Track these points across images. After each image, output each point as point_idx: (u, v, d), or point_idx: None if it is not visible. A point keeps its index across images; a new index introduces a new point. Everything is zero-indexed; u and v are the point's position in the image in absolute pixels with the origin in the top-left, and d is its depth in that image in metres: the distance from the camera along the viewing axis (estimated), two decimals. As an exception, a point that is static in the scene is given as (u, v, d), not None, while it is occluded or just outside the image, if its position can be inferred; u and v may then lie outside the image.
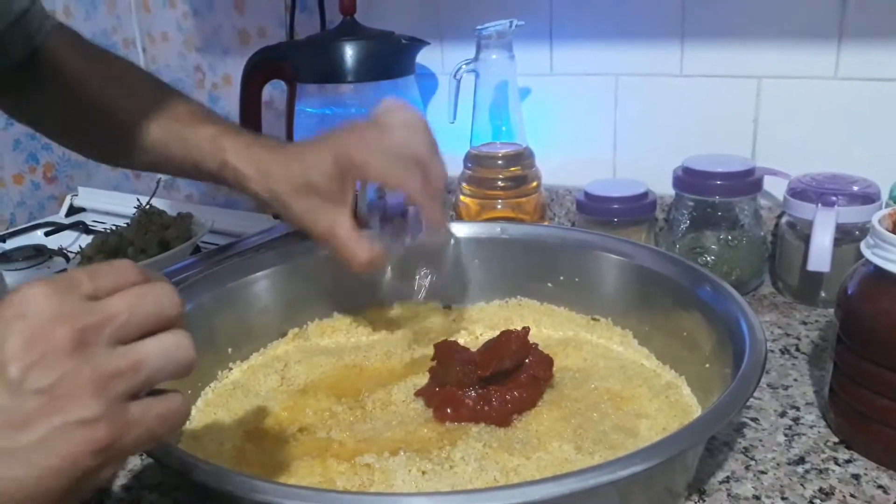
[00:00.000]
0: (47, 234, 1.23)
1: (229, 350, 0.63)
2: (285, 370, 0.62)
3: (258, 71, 0.92)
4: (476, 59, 0.83)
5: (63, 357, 0.30)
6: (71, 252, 1.08)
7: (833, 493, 0.48)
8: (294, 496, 0.35)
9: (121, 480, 0.53)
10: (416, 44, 0.90)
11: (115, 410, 0.31)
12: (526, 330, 0.57)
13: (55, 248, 1.11)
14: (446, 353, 0.57)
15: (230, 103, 1.25)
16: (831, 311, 0.71)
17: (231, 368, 0.63)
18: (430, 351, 0.63)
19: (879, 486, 0.48)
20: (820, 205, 0.70)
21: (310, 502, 0.35)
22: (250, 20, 1.16)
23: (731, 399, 0.43)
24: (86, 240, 1.09)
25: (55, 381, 0.30)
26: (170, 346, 0.33)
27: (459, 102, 0.86)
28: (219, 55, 1.23)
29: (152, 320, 0.33)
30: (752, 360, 0.47)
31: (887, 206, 0.70)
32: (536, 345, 0.58)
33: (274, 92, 1.14)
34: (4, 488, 0.29)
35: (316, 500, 0.35)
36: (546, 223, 0.87)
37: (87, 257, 0.96)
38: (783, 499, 0.48)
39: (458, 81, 0.84)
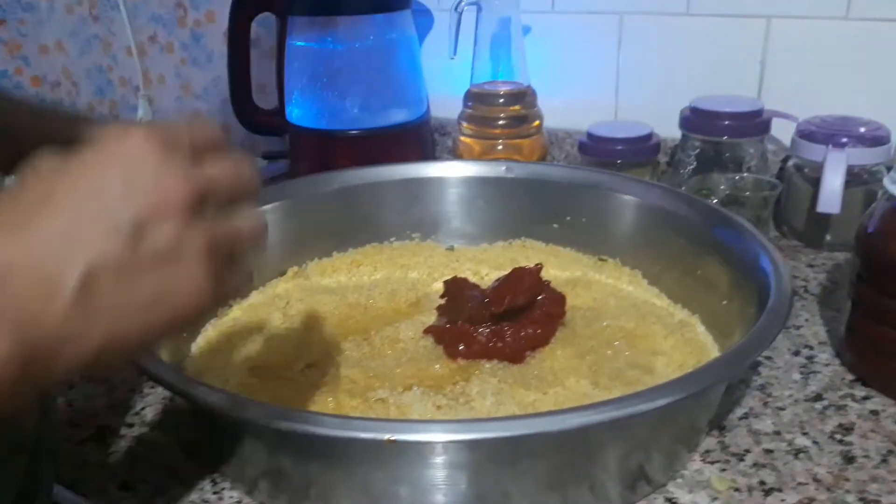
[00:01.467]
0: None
1: (228, 287, 0.60)
2: (287, 308, 0.60)
3: (244, 4, 0.88)
4: (477, -8, 0.79)
5: (178, 219, 0.29)
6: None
7: (853, 429, 0.47)
8: (319, 423, 0.34)
9: (121, 418, 0.51)
10: (414, -24, 0.86)
11: (217, 276, 0.30)
12: (539, 266, 0.55)
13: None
14: (457, 289, 0.56)
15: (213, 41, 1.20)
16: (837, 254, 0.71)
17: (231, 305, 0.60)
18: (434, 290, 0.62)
19: (898, 422, 0.48)
20: (830, 146, 0.69)
21: (336, 429, 0.33)
22: (235, -48, 1.11)
23: (761, 333, 0.42)
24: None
25: (169, 241, 0.28)
26: (255, 219, 0.33)
27: (459, 39, 0.83)
28: (201, -10, 1.17)
29: (243, 192, 0.32)
30: (779, 297, 0.45)
31: (898, 148, 0.69)
32: (549, 282, 0.56)
33: (260, 30, 1.09)
34: (109, 338, 0.28)
35: (342, 427, 0.34)
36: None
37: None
38: (804, 433, 0.47)
39: (460, 15, 0.81)
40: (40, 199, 0.28)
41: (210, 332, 0.57)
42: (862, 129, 0.71)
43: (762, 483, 0.43)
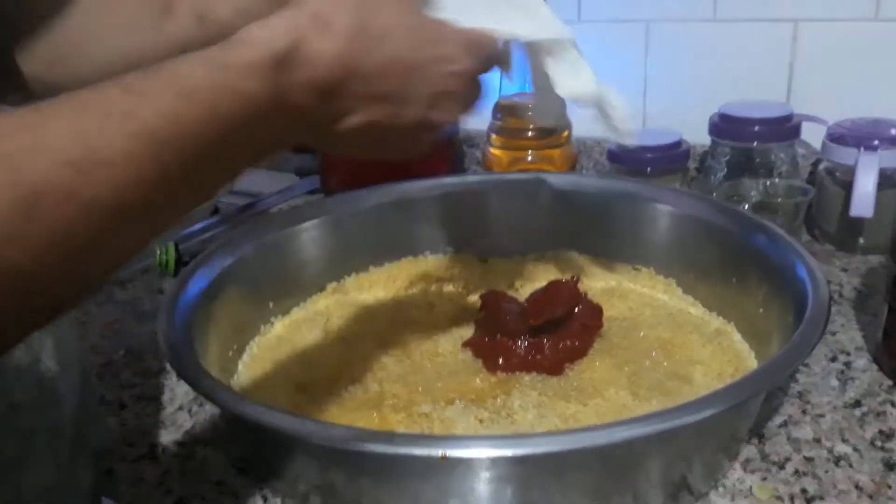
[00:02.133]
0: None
1: (270, 304, 0.62)
2: (328, 324, 0.62)
3: None
4: (505, 6, 0.80)
5: (463, 62, 0.40)
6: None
7: (894, 435, 0.48)
8: (376, 442, 0.35)
9: (173, 436, 0.52)
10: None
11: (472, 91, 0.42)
12: (576, 279, 0.56)
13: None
14: (495, 303, 0.57)
15: None
16: (871, 257, 0.71)
17: (272, 323, 0.62)
18: (471, 303, 0.63)
19: (939, 427, 0.48)
20: (862, 149, 0.69)
21: (390, 446, 0.35)
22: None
23: (801, 342, 0.42)
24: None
25: (456, 74, 0.40)
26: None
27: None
28: None
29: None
30: (817, 306, 0.46)
31: (931, 149, 0.69)
32: (586, 294, 0.57)
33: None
34: (378, 111, 0.38)
35: (394, 444, 0.35)
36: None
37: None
38: (843, 440, 0.47)
39: (488, 30, 0.82)
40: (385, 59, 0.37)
41: (255, 350, 0.59)
42: (893, 132, 0.71)
43: (804, 491, 0.44)
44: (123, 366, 0.62)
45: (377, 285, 0.68)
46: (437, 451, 0.34)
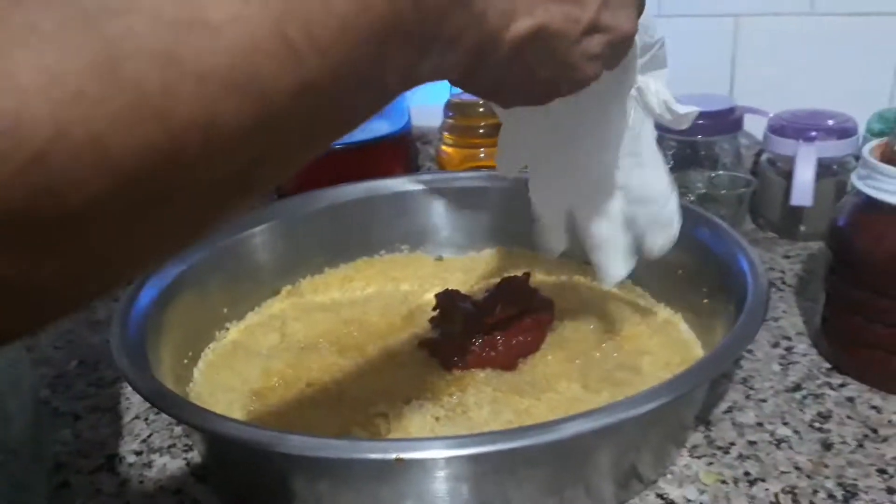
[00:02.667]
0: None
1: (225, 310, 0.62)
2: (283, 327, 0.62)
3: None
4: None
5: (617, 43, 0.36)
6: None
7: (831, 416, 0.50)
8: (331, 448, 0.35)
9: (130, 446, 0.52)
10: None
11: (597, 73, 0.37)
12: (527, 275, 0.58)
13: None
14: (449, 302, 0.57)
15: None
16: (812, 244, 0.73)
17: (227, 328, 0.62)
18: (426, 301, 0.64)
19: (873, 407, 0.51)
20: (801, 140, 0.71)
21: (345, 452, 0.35)
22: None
23: (741, 332, 0.44)
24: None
25: (597, 50, 0.35)
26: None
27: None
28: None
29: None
30: (756, 296, 0.48)
31: (864, 139, 0.72)
32: (537, 289, 0.58)
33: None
34: (526, 79, 0.35)
35: (350, 450, 0.36)
36: (528, 170, 0.87)
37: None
38: (784, 423, 0.49)
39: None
40: None
41: (210, 357, 0.59)
42: (830, 122, 0.73)
43: (747, 474, 0.45)
44: (77, 377, 0.61)
45: (332, 287, 0.68)
46: (392, 455, 0.35)
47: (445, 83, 0.33)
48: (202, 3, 0.20)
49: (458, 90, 0.80)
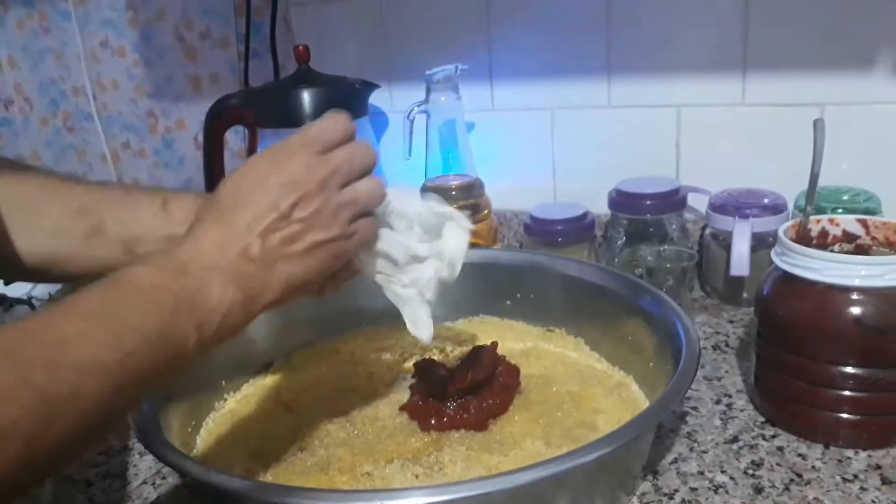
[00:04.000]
0: (6, 283, 1.25)
1: (223, 383, 0.69)
2: (277, 396, 0.68)
3: (220, 119, 0.98)
4: (426, 100, 0.91)
5: (313, 197, 0.46)
6: (38, 300, 1.10)
7: (762, 464, 0.57)
8: (328, 499, 0.42)
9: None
10: (369, 87, 0.97)
11: (345, 230, 0.48)
12: (495, 344, 0.65)
13: (18, 296, 1.13)
14: (426, 369, 0.64)
15: (184, 146, 1.29)
16: (753, 309, 0.81)
17: (226, 399, 0.68)
18: (406, 369, 0.71)
19: (799, 455, 0.58)
20: (737, 217, 0.80)
21: (336, 501, 0.42)
22: (202, 68, 1.21)
23: (673, 391, 0.51)
24: (52, 287, 1.12)
25: (310, 213, 0.46)
26: (373, 186, 0.50)
27: (412, 140, 0.94)
28: (171, 101, 1.27)
29: (359, 168, 0.49)
30: (689, 358, 0.55)
31: (793, 215, 0.81)
32: (504, 356, 0.65)
33: (227, 134, 1.19)
34: (287, 279, 0.46)
35: (341, 499, 0.42)
36: (498, 246, 0.95)
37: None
38: (723, 472, 0.56)
39: (412, 122, 0.92)
40: (231, 197, 0.46)
41: (211, 425, 0.65)
42: (765, 200, 0.82)
43: (689, 517, 0.52)
44: (87, 447, 0.67)
45: (322, 358, 0.75)
46: (376, 503, 0.41)
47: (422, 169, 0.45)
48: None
49: (434, 175, 0.89)
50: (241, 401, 0.69)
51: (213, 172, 1.01)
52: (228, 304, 0.43)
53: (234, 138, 1.20)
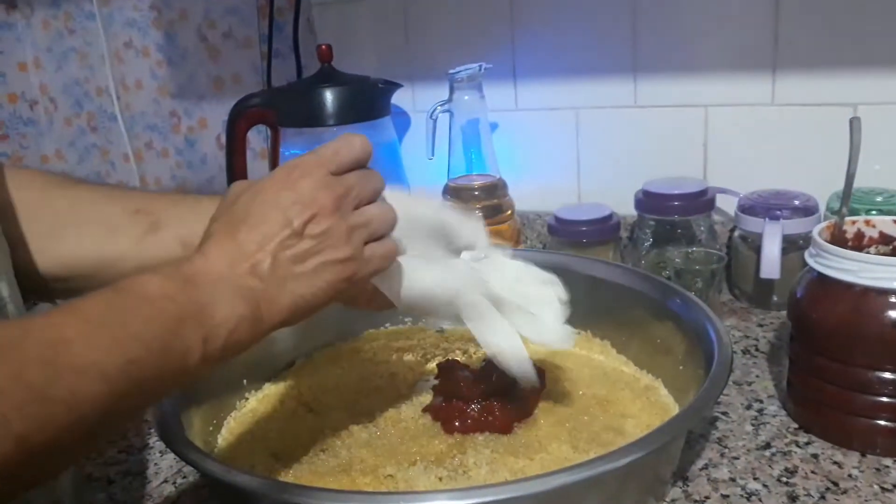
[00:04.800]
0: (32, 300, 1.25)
1: (245, 381, 0.68)
2: (298, 396, 0.67)
3: (242, 119, 0.98)
4: (450, 99, 0.90)
5: (327, 216, 0.45)
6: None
7: (796, 472, 0.55)
8: (353, 500, 0.41)
9: (160, 507, 0.57)
10: (392, 86, 0.96)
11: (357, 252, 0.47)
12: (520, 346, 0.64)
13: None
14: (450, 371, 0.63)
15: (207, 145, 1.30)
16: (783, 312, 0.80)
17: (247, 398, 0.68)
18: (429, 370, 0.70)
19: (835, 463, 0.56)
20: (767, 219, 0.78)
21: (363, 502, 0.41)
22: (225, 68, 1.21)
23: (705, 396, 0.50)
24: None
25: (322, 231, 0.45)
26: (385, 210, 0.49)
27: (435, 140, 0.93)
28: (194, 101, 1.27)
29: (370, 192, 0.48)
30: (721, 361, 0.54)
31: (825, 217, 0.79)
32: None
33: (249, 134, 1.19)
34: (295, 299, 0.45)
35: (367, 501, 0.41)
36: (521, 247, 0.94)
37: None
38: (755, 479, 0.55)
39: (435, 121, 0.91)
40: (243, 213, 0.45)
41: (232, 424, 0.64)
42: (795, 202, 0.81)
43: (721, 524, 0.50)
44: (108, 445, 0.66)
45: (343, 358, 0.74)
46: (401, 505, 0.40)
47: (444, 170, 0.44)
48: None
49: (457, 175, 0.89)
50: (262, 400, 0.68)
51: (236, 172, 1.01)
52: (235, 320, 0.42)
53: (257, 138, 1.20)
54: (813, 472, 0.55)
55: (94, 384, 0.34)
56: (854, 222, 0.62)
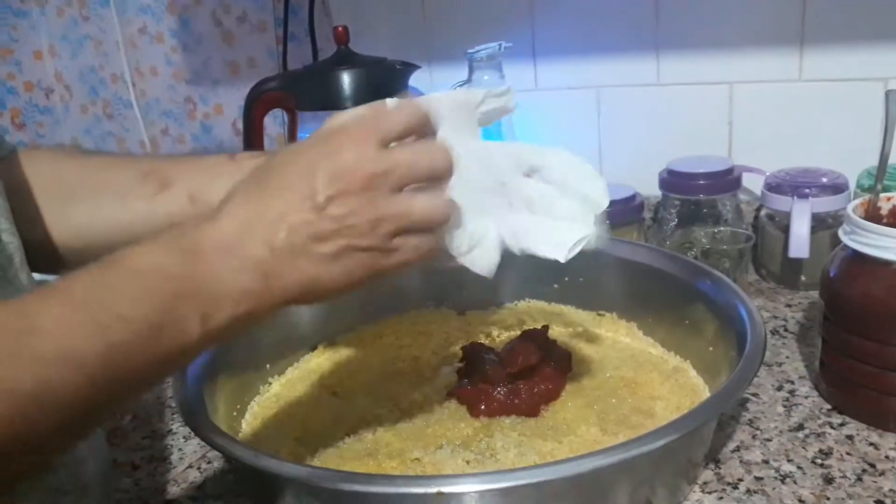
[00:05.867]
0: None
1: (267, 366, 0.67)
2: (322, 380, 0.67)
3: (258, 104, 0.97)
4: (469, 80, 0.88)
5: (354, 196, 0.39)
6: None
7: (831, 453, 0.54)
8: (381, 483, 0.40)
9: (186, 492, 0.57)
10: (409, 68, 0.95)
11: (382, 244, 0.40)
12: (546, 327, 0.63)
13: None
14: (475, 354, 0.62)
15: (223, 131, 1.29)
16: (812, 293, 0.78)
17: (271, 383, 0.67)
18: (452, 353, 0.69)
19: (871, 444, 0.55)
20: (795, 197, 0.77)
21: (391, 485, 0.40)
22: (240, 52, 1.20)
23: (740, 377, 0.49)
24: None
25: (346, 212, 0.39)
26: (436, 203, 0.42)
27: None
28: (209, 86, 1.27)
29: (425, 175, 0.42)
30: (754, 342, 0.52)
31: (855, 195, 0.77)
32: (555, 340, 0.63)
33: (266, 119, 1.18)
34: (306, 279, 0.40)
35: (396, 484, 0.40)
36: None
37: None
38: (789, 461, 0.54)
39: (454, 101, 0.90)
40: (272, 175, 0.41)
41: (256, 409, 0.64)
42: (824, 179, 0.79)
43: (755, 507, 0.49)
44: (133, 430, 0.66)
45: (365, 342, 0.73)
46: (433, 489, 0.40)
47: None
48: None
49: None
50: (285, 384, 0.67)
51: (253, 157, 1.00)
52: (238, 293, 0.38)
53: (273, 123, 1.19)
54: (848, 453, 0.54)
55: (69, 373, 0.32)
56: (889, 198, 0.60)
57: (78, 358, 0.33)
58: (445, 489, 0.40)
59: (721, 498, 0.51)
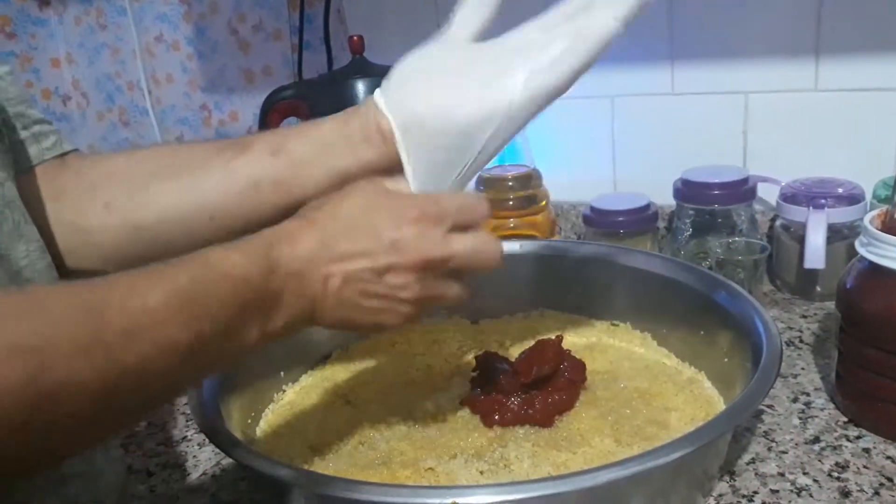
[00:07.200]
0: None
1: (282, 373, 0.68)
2: (336, 388, 0.67)
3: (273, 111, 0.97)
4: (483, 89, 0.88)
5: (410, 272, 0.45)
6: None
7: (848, 466, 0.54)
8: (396, 493, 0.40)
9: (201, 499, 0.57)
10: (424, 77, 0.95)
11: (418, 314, 0.47)
12: (560, 338, 0.63)
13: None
14: (488, 363, 0.62)
15: (237, 139, 1.29)
16: (828, 304, 0.78)
17: (284, 390, 0.67)
18: (465, 362, 0.69)
19: (888, 458, 0.54)
20: (811, 207, 0.76)
21: (407, 496, 0.40)
22: (255, 60, 1.21)
23: (756, 388, 0.48)
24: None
25: (399, 284, 0.45)
26: (460, 294, 0.49)
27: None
28: (224, 94, 1.27)
29: (474, 269, 0.48)
30: (770, 353, 0.52)
31: (872, 205, 0.77)
32: (569, 350, 0.63)
33: (281, 126, 1.19)
34: (343, 320, 0.46)
35: (411, 495, 0.40)
36: (557, 238, 0.93)
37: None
38: (805, 474, 0.53)
39: (468, 111, 0.90)
40: (345, 216, 0.45)
41: (270, 417, 0.64)
42: (840, 190, 0.78)
43: (771, 520, 0.49)
44: (147, 437, 0.67)
45: (379, 350, 0.73)
46: (449, 499, 0.40)
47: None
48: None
49: (490, 165, 0.87)
50: (299, 392, 0.68)
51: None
52: (292, 315, 0.43)
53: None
54: (865, 466, 0.53)
55: (167, 356, 0.35)
56: (906, 210, 0.60)
57: (176, 345, 0.36)
58: (461, 500, 0.40)
59: (736, 511, 0.50)
